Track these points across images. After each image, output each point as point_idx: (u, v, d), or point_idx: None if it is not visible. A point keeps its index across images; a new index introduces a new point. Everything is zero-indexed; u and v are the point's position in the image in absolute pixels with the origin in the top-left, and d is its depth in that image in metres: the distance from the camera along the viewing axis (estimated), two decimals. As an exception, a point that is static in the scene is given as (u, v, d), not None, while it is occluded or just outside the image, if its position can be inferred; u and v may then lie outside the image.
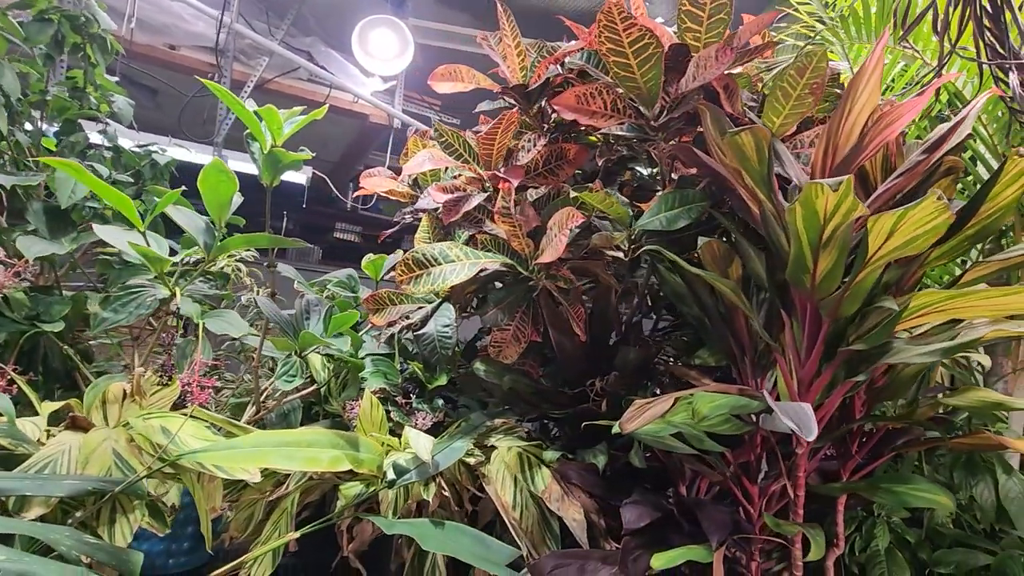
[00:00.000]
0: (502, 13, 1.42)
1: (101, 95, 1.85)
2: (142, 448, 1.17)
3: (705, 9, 1.13)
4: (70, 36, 1.67)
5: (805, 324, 0.95)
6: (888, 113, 0.88)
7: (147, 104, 3.04)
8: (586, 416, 1.28)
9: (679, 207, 1.12)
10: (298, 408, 1.66)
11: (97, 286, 1.69)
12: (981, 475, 1.15)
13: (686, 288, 1.18)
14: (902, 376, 1.00)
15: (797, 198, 0.75)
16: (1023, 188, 0.87)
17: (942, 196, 0.64)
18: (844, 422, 1.12)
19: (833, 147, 0.90)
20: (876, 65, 0.84)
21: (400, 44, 2.95)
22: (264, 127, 1.33)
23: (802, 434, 0.80)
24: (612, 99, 1.14)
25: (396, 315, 1.56)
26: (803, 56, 0.99)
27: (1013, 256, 0.88)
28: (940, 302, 0.76)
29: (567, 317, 1.32)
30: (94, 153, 1.80)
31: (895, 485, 0.95)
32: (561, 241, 1.06)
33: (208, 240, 1.34)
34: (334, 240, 5.14)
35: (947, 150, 0.88)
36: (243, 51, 2.82)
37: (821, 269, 0.85)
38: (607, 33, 0.98)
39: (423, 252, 1.21)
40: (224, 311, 1.50)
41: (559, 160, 1.43)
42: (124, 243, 1.14)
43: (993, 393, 0.96)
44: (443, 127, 1.43)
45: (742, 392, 0.93)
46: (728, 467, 1.18)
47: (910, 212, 0.67)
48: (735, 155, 0.85)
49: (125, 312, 1.19)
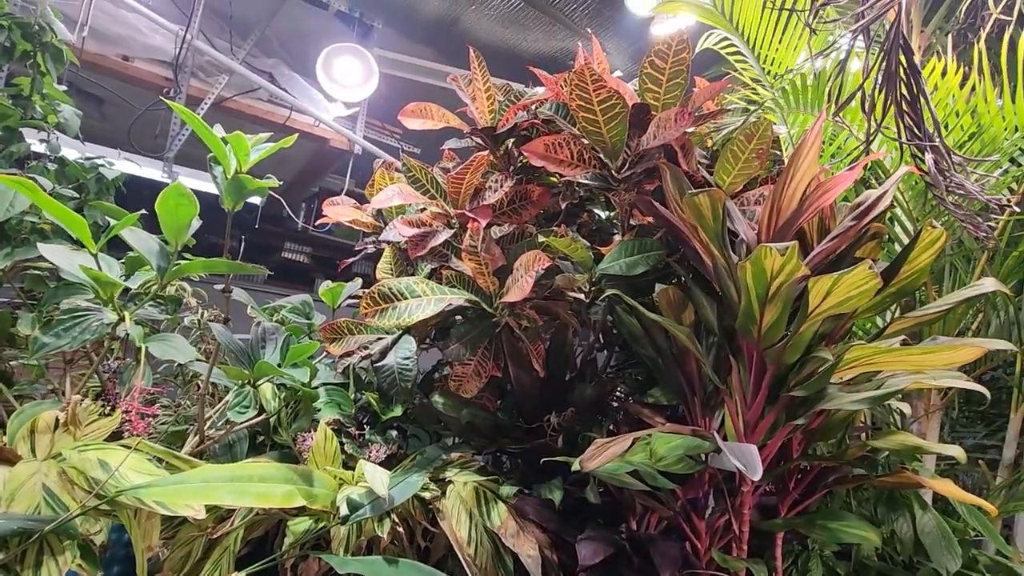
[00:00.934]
0: (474, 58, 1.48)
1: (48, 104, 1.77)
2: (75, 483, 1.11)
3: (664, 73, 1.22)
4: (20, 44, 1.60)
5: (751, 369, 1.02)
6: (824, 183, 0.98)
7: (92, 114, 2.91)
8: (543, 451, 1.31)
9: (638, 254, 1.18)
10: (244, 438, 1.60)
11: (27, 302, 1.59)
12: (901, 511, 1.25)
13: (642, 330, 1.24)
14: (834, 419, 1.09)
15: (748, 257, 0.83)
16: (936, 253, 0.99)
17: (872, 265, 0.72)
18: (783, 461, 1.20)
19: (777, 210, 0.99)
20: (815, 141, 0.95)
21: (365, 72, 2.98)
22: (230, 152, 1.32)
23: (748, 474, 0.86)
24: (579, 150, 1.20)
25: (354, 345, 1.55)
26: (750, 125, 1.09)
27: (926, 314, 0.99)
28: (869, 356, 0.85)
29: (527, 353, 1.35)
30: (36, 165, 1.71)
31: (829, 522, 1.03)
32: (528, 282, 1.11)
33: (162, 263, 1.30)
34: (282, 260, 5.01)
35: (872, 217, 0.99)
36: (201, 67, 2.76)
37: (767, 320, 0.93)
38: (578, 91, 1.05)
39: (389, 286, 1.22)
40: (169, 335, 1.44)
41: (523, 201, 1.48)
42: (74, 265, 1.09)
43: (912, 437, 1.06)
44: (412, 162, 1.46)
45: (695, 433, 0.99)
46: (677, 503, 1.23)
47: (845, 277, 0.75)
48: (693, 213, 0.93)
49: (68, 337, 1.12)
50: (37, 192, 1.04)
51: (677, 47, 1.20)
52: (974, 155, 1.38)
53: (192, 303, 1.94)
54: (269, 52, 3.15)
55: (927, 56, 1.95)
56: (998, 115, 1.29)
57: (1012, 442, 1.68)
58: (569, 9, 3.04)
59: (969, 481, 1.86)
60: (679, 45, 1.19)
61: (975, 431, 1.93)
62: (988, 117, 1.30)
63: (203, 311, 1.96)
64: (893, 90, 1.12)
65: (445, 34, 3.40)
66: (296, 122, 3.14)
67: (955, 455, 0.91)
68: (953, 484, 1.06)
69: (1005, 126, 1.31)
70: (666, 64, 1.22)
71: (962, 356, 0.77)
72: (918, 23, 1.88)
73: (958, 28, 1.84)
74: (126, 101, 2.78)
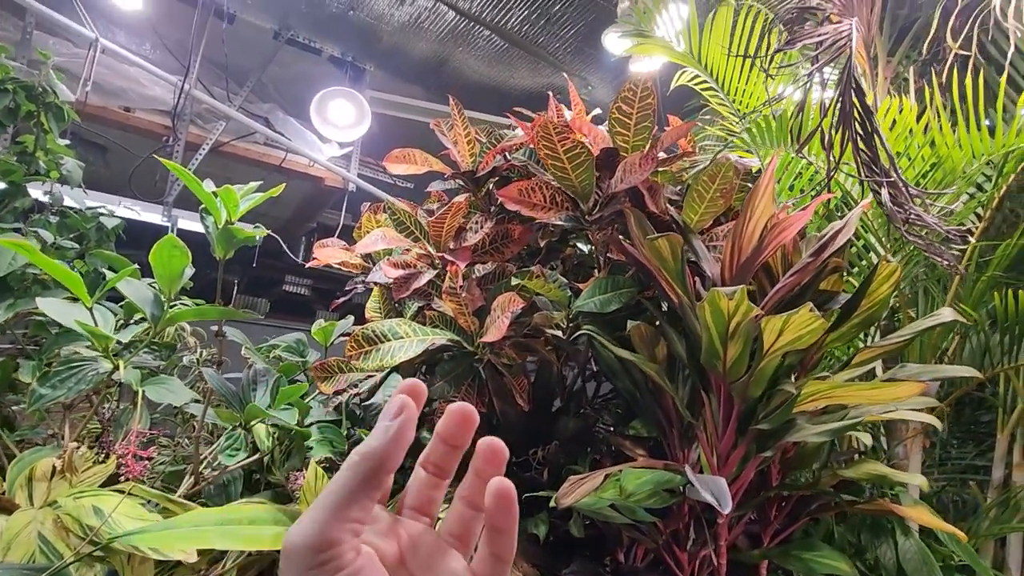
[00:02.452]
0: (453, 105, 1.55)
1: (51, 160, 1.85)
2: (70, 530, 1.14)
3: (632, 117, 1.28)
4: (24, 105, 1.69)
5: (721, 403, 1.06)
6: (782, 221, 1.03)
7: (96, 162, 3.01)
8: (528, 485, 1.33)
9: (611, 292, 1.23)
10: (239, 478, 1.62)
11: (27, 348, 1.64)
12: (884, 537, 1.26)
13: (619, 364, 1.27)
14: (807, 449, 1.12)
15: (705, 298, 0.87)
16: (893, 286, 1.03)
17: (813, 308, 0.77)
18: (763, 490, 1.22)
19: (738, 248, 1.03)
20: (769, 182, 1.00)
21: (358, 114, 3.08)
22: (220, 203, 1.38)
23: (719, 507, 0.89)
24: (551, 193, 1.26)
25: (344, 383, 1.59)
26: (713, 166, 1.15)
27: (888, 344, 1.02)
28: (827, 390, 0.88)
29: (511, 388, 1.39)
30: (38, 218, 1.78)
31: (803, 552, 1.05)
32: (504, 323, 1.15)
33: (156, 312, 1.35)
34: (283, 293, 5.07)
35: (832, 252, 1.03)
36: (199, 115, 2.86)
37: (730, 356, 0.96)
38: (544, 142, 1.11)
39: (372, 329, 1.26)
40: (166, 377, 1.48)
41: (505, 239, 1.53)
42: (70, 320, 1.14)
43: (880, 466, 1.08)
44: (396, 205, 1.52)
45: (667, 467, 1.01)
46: (660, 535, 1.25)
47: (792, 317, 0.79)
48: (654, 256, 0.97)
49: (64, 388, 1.17)
50: (34, 253, 1.10)
51: (642, 93, 1.26)
52: (937, 183, 1.43)
53: (191, 343, 1.99)
54: (265, 97, 3.26)
55: (895, 84, 2.02)
56: (955, 146, 1.34)
57: (1000, 462, 1.69)
58: (553, 47, 3.15)
59: (960, 503, 1.86)
60: (643, 92, 1.25)
61: (965, 451, 1.93)
62: (946, 148, 1.35)
63: (201, 351, 2.01)
64: (848, 128, 1.17)
65: (434, 74, 3.52)
66: (292, 163, 3.23)
67: (918, 484, 0.94)
68: (927, 511, 1.08)
69: (964, 155, 1.36)
70: (633, 109, 1.28)
71: (903, 392, 0.80)
72: (884, 54, 1.95)
73: (922, 60, 1.91)
74: (127, 149, 2.88)
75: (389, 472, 0.30)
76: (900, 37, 2.06)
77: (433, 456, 0.34)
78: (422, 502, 0.34)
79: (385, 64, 3.52)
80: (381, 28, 3.16)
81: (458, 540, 0.33)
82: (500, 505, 0.31)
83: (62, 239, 1.79)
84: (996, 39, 1.70)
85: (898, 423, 1.56)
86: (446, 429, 0.34)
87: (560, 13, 2.94)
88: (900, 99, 1.37)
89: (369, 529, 0.31)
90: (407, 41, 3.26)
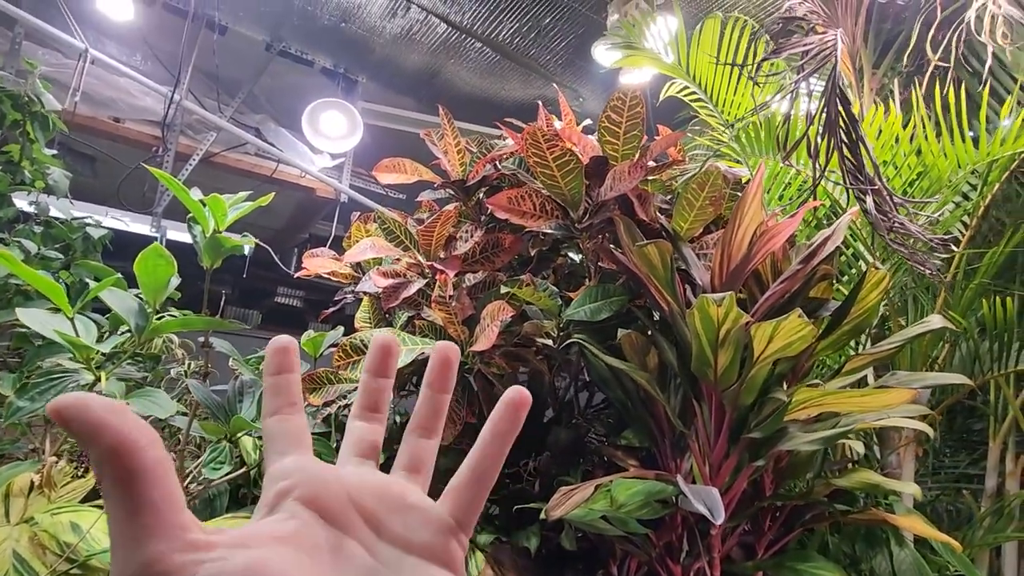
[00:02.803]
0: (443, 115, 1.55)
1: (36, 169, 1.84)
2: (46, 547, 1.11)
3: (621, 127, 1.29)
4: (10, 114, 1.67)
5: (712, 412, 1.05)
6: (771, 228, 1.03)
7: (85, 173, 2.99)
8: (520, 497, 1.31)
9: (602, 300, 1.22)
10: (225, 493, 1.59)
11: (8, 360, 1.61)
12: (879, 547, 1.25)
13: (610, 373, 1.26)
14: (800, 458, 1.11)
15: (695, 305, 0.86)
16: (882, 293, 1.03)
17: (802, 315, 0.76)
18: (756, 500, 1.21)
19: (728, 256, 1.03)
20: (757, 189, 1.00)
21: (349, 125, 3.08)
22: (208, 212, 1.37)
23: (712, 517, 0.88)
24: (541, 201, 1.26)
25: (334, 394, 1.56)
26: (702, 174, 1.15)
27: (878, 351, 1.02)
28: (816, 398, 0.87)
29: (501, 399, 1.37)
30: (22, 228, 1.76)
31: (798, 563, 1.03)
32: (493, 331, 1.14)
33: (140, 322, 1.33)
34: (275, 305, 5.03)
35: (820, 259, 1.03)
36: (190, 125, 2.86)
37: (721, 364, 0.96)
38: (533, 149, 1.11)
39: (361, 339, 1.25)
40: (151, 390, 1.45)
41: (496, 248, 1.52)
42: (50, 330, 1.12)
43: (873, 475, 1.07)
44: (386, 215, 1.51)
45: (658, 477, 1.00)
46: (653, 548, 1.23)
47: (782, 323, 0.79)
48: (643, 263, 0.97)
49: (43, 400, 1.14)
50: (15, 263, 1.08)
51: (631, 102, 1.27)
52: (924, 192, 1.44)
53: (179, 355, 1.96)
54: (256, 108, 3.26)
55: (881, 95, 2.04)
56: (940, 155, 1.35)
57: (993, 471, 1.69)
58: (544, 60, 3.17)
59: (954, 512, 1.85)
60: (632, 101, 1.25)
61: (958, 460, 1.93)
62: (932, 157, 1.36)
63: (190, 363, 1.98)
64: (834, 136, 1.18)
65: (427, 86, 3.54)
66: (283, 173, 3.22)
67: (911, 492, 0.93)
68: (921, 520, 1.07)
69: (949, 164, 1.37)
70: (622, 118, 1.28)
71: (893, 398, 0.80)
72: (869, 66, 1.98)
73: (907, 71, 1.94)
74: (116, 160, 2.87)
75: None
76: (884, 50, 2.09)
77: (367, 396, 0.33)
78: (363, 448, 0.32)
79: (377, 76, 3.54)
80: (373, 40, 3.18)
81: (410, 472, 0.31)
82: (513, 407, 0.31)
83: (47, 249, 1.76)
84: (979, 51, 1.73)
85: (891, 432, 1.55)
86: (372, 361, 0.33)
87: (551, 26, 2.97)
88: (886, 107, 1.38)
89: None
90: (399, 53, 3.28)
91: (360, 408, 0.33)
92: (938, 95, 1.39)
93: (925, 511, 1.67)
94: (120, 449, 0.21)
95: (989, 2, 1.55)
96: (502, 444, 0.31)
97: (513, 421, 0.31)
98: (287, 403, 0.30)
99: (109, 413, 0.21)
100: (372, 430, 0.32)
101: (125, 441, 0.21)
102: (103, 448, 0.21)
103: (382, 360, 0.33)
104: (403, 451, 0.32)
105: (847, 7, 1.51)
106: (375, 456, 0.32)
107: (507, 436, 0.31)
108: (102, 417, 0.21)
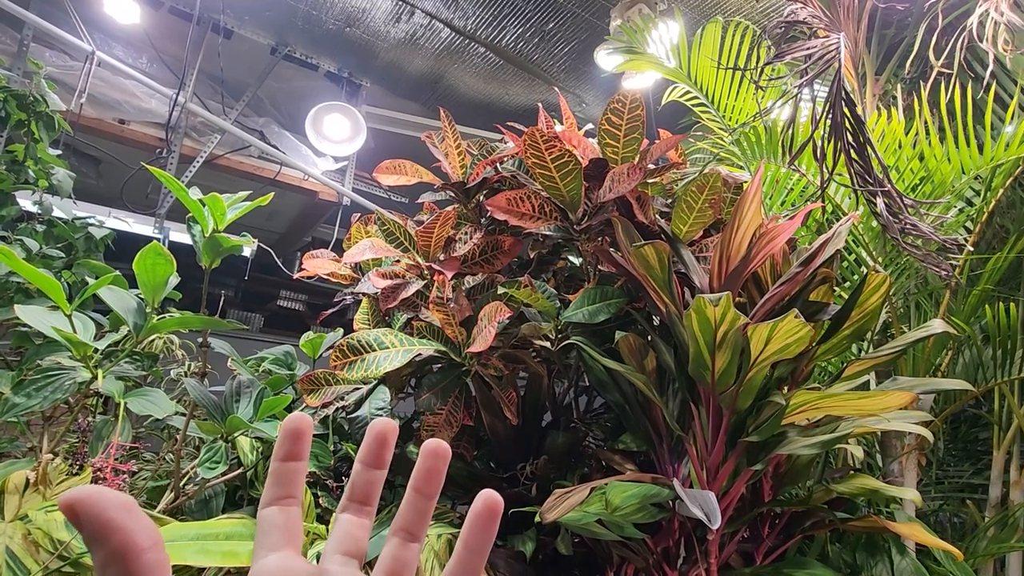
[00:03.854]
0: (443, 117, 1.55)
1: (41, 169, 1.85)
2: (40, 544, 1.10)
3: (621, 129, 1.28)
4: (15, 114, 1.68)
5: (710, 415, 1.04)
6: (770, 231, 1.02)
7: (90, 174, 3.01)
8: (516, 500, 1.30)
9: (600, 302, 1.21)
10: (221, 493, 1.58)
11: (8, 359, 1.61)
12: (879, 556, 1.23)
13: (608, 376, 1.25)
14: (799, 464, 1.09)
15: (692, 306, 0.85)
16: (883, 296, 1.02)
17: (799, 315, 0.75)
18: (755, 506, 1.19)
19: (726, 258, 1.02)
20: (756, 192, 0.99)
21: (353, 129, 3.09)
22: (207, 212, 1.37)
23: (709, 522, 0.86)
24: (540, 203, 1.25)
25: (331, 396, 1.56)
26: (702, 177, 1.14)
27: (879, 356, 1.01)
28: (815, 401, 0.86)
29: (499, 401, 1.36)
30: (25, 227, 1.77)
31: (797, 571, 1.02)
32: (490, 332, 1.13)
33: (138, 321, 1.33)
34: (277, 308, 5.04)
35: (820, 263, 1.02)
36: (194, 128, 2.87)
37: (718, 366, 0.95)
38: (531, 151, 1.10)
39: (358, 339, 1.24)
40: (149, 389, 1.45)
41: (495, 251, 1.52)
42: (47, 327, 1.12)
43: (873, 480, 1.06)
44: (385, 216, 1.51)
45: (655, 480, 0.99)
46: (650, 553, 1.21)
47: (779, 324, 0.78)
48: (641, 264, 0.96)
49: (39, 397, 1.14)
50: (15, 260, 1.08)
51: (632, 105, 1.26)
52: (927, 197, 1.43)
53: (179, 355, 1.96)
54: (260, 111, 3.28)
55: (883, 101, 2.03)
56: (944, 160, 1.34)
57: (997, 480, 1.66)
58: (547, 64, 3.18)
59: (958, 522, 1.83)
60: (633, 103, 1.25)
61: (962, 470, 1.91)
62: (935, 162, 1.35)
63: (189, 363, 1.98)
64: (841, 140, 1.17)
65: (430, 90, 3.56)
66: (286, 176, 3.24)
67: (911, 498, 0.91)
68: (922, 528, 1.06)
69: (952, 169, 1.36)
70: (622, 120, 1.28)
71: (892, 401, 0.78)
72: (872, 72, 1.97)
73: (909, 78, 1.93)
74: (121, 161, 2.88)
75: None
76: (887, 56, 2.09)
77: (358, 488, 0.32)
78: (349, 546, 0.31)
79: (381, 80, 3.55)
80: (377, 45, 3.19)
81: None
82: (483, 520, 0.29)
83: (49, 248, 1.77)
84: (982, 57, 1.72)
85: (893, 440, 1.53)
86: (367, 452, 0.32)
87: (554, 31, 2.98)
88: (889, 112, 1.38)
89: None
90: (403, 57, 3.29)
91: (349, 501, 0.32)
92: (943, 99, 1.38)
93: (928, 521, 1.65)
94: (126, 552, 0.22)
95: (991, 9, 1.55)
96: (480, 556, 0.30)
97: (486, 531, 0.30)
98: (287, 495, 0.31)
99: (120, 512, 0.22)
100: (360, 525, 0.32)
101: (130, 543, 0.22)
102: (109, 550, 0.22)
103: (378, 451, 0.32)
104: (386, 554, 0.31)
105: (849, 12, 1.51)
106: (360, 555, 0.31)
107: (483, 551, 0.30)
108: (113, 518, 0.22)
